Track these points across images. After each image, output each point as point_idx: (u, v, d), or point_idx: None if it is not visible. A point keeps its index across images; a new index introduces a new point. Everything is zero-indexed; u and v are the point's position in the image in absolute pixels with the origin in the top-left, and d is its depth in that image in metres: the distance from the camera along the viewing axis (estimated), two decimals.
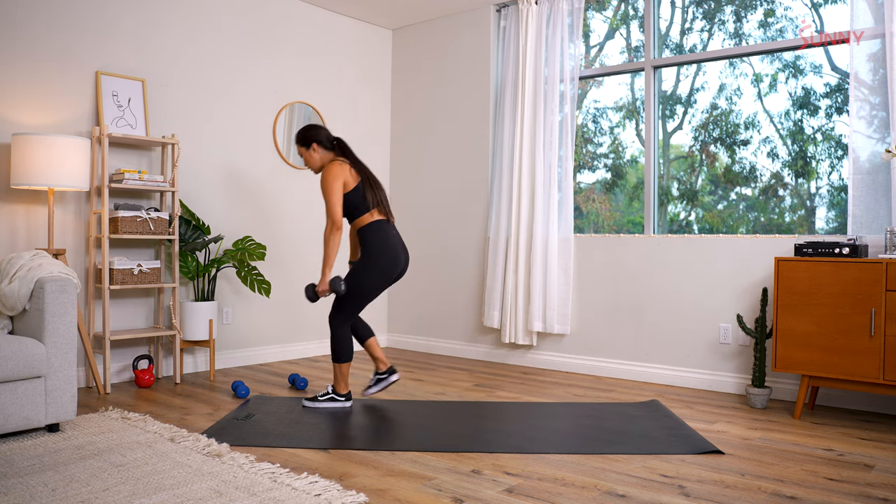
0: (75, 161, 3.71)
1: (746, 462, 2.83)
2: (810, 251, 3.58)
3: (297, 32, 5.23)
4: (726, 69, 4.48)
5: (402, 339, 5.80)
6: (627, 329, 4.60)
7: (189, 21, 4.59)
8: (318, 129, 3.69)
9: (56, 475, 2.52)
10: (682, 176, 4.70)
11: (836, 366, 3.41)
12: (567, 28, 4.83)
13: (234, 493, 2.36)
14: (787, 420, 3.53)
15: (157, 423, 3.19)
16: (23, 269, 3.14)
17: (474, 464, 2.77)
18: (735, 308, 4.16)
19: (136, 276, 4.09)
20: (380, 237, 3.55)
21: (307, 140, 3.67)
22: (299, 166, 5.22)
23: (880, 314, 3.29)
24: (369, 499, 2.37)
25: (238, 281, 4.83)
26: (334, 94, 5.48)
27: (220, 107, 4.77)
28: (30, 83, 3.90)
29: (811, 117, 4.22)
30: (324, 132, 3.69)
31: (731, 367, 4.18)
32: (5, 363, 2.86)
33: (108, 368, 3.94)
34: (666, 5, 4.74)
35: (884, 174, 3.73)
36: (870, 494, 2.48)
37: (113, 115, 4.16)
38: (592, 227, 5.05)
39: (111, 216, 4.03)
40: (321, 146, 3.67)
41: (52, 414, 3.03)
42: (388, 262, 3.56)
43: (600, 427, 3.32)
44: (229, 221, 4.81)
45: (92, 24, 4.13)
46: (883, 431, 3.34)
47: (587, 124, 5.13)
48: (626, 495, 2.44)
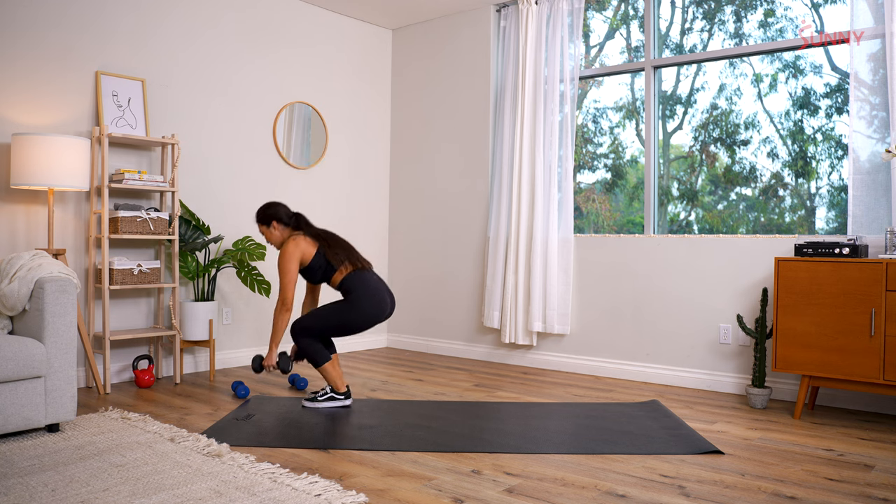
0: (75, 161, 3.71)
1: (746, 462, 2.83)
2: (810, 251, 3.58)
3: (298, 32, 5.23)
4: (726, 69, 4.48)
5: (401, 339, 5.80)
6: (627, 329, 4.60)
7: (189, 21, 4.59)
8: (276, 207, 3.77)
9: (56, 475, 2.52)
10: (682, 176, 4.70)
11: (836, 366, 3.41)
12: (567, 28, 4.83)
13: (234, 493, 2.36)
14: (787, 420, 3.53)
15: (157, 424, 3.19)
16: (23, 269, 3.14)
17: (474, 464, 2.77)
18: (735, 308, 4.16)
19: (135, 276, 4.09)
20: (361, 286, 3.61)
21: (267, 219, 3.76)
22: (299, 166, 5.22)
23: (880, 314, 3.29)
24: (369, 499, 2.37)
25: (238, 281, 4.83)
26: (334, 94, 5.48)
27: (220, 107, 4.77)
28: (30, 83, 3.90)
29: (811, 117, 4.22)
30: (283, 209, 3.78)
31: (731, 367, 4.18)
32: (5, 363, 2.85)
33: (107, 368, 3.94)
34: (666, 5, 4.74)
35: (884, 174, 3.73)
36: (870, 494, 2.48)
37: (113, 115, 4.16)
38: (592, 228, 5.05)
39: (111, 216, 4.03)
40: (280, 223, 3.75)
41: (52, 414, 3.03)
42: (374, 308, 3.61)
43: (600, 427, 3.32)
44: (229, 221, 4.81)
45: (92, 23, 4.13)
46: (883, 431, 3.34)
47: (587, 124, 5.13)
48: (626, 495, 2.44)
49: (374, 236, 5.83)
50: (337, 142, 5.51)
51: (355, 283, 3.61)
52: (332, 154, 5.47)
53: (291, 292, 3.61)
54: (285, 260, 3.61)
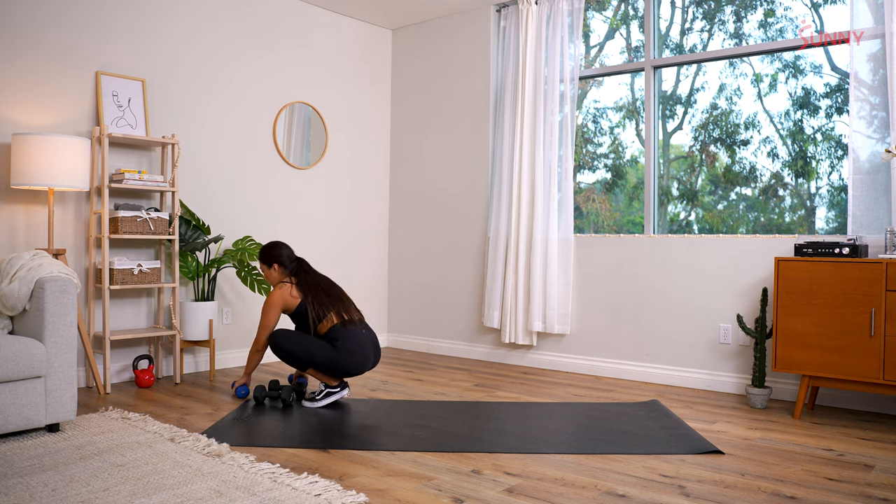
0: (75, 161, 3.71)
1: (746, 462, 2.83)
2: (810, 251, 3.58)
3: (298, 32, 5.23)
4: (726, 69, 4.48)
5: (402, 339, 5.80)
6: (627, 329, 4.60)
7: (189, 21, 4.59)
8: (280, 250, 3.88)
9: (56, 475, 2.52)
10: (682, 176, 4.70)
11: (836, 366, 3.41)
12: (567, 28, 4.83)
13: (234, 493, 2.36)
14: (787, 420, 3.53)
15: (157, 423, 3.19)
16: (23, 269, 3.14)
17: (474, 464, 2.77)
18: (735, 308, 4.16)
19: (136, 276, 4.09)
20: (346, 339, 3.64)
21: (269, 259, 3.88)
22: (299, 166, 5.22)
23: (880, 314, 3.29)
24: (369, 499, 2.37)
25: (238, 281, 4.83)
26: (334, 94, 5.48)
27: (221, 107, 4.77)
28: (30, 83, 3.90)
29: (811, 117, 4.22)
30: (286, 252, 3.89)
31: (731, 367, 4.18)
32: (5, 363, 2.85)
33: (108, 368, 3.94)
34: (666, 5, 4.74)
35: (884, 174, 3.73)
36: (870, 494, 2.48)
37: (113, 115, 4.16)
38: (592, 227, 5.05)
39: (111, 216, 4.03)
40: (281, 266, 3.86)
41: (52, 414, 3.03)
42: (355, 362, 3.66)
43: (600, 427, 3.32)
44: (229, 221, 4.81)
45: (92, 23, 4.13)
46: (883, 431, 3.34)
47: (587, 124, 5.13)
48: (626, 495, 2.44)
49: (374, 236, 5.83)
50: (337, 141, 5.50)
51: (340, 335, 3.64)
52: (332, 154, 5.47)
53: (265, 336, 3.74)
54: (268, 306, 3.74)
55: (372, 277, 5.80)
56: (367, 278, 5.77)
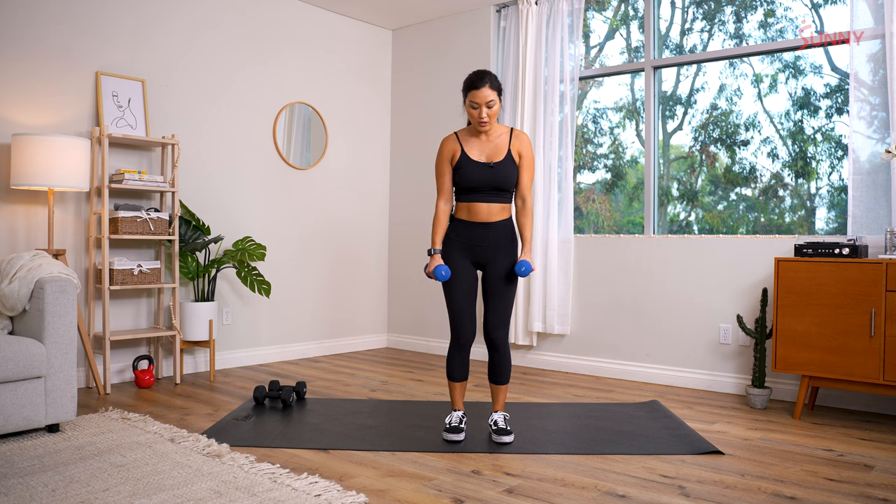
0: (75, 161, 3.71)
1: (746, 462, 2.83)
2: (810, 251, 3.58)
3: (298, 33, 5.23)
4: (726, 69, 4.48)
5: (401, 339, 5.80)
6: (627, 329, 4.60)
7: (189, 21, 4.59)
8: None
9: (56, 475, 2.52)
10: (682, 176, 4.70)
11: (836, 366, 3.41)
12: (567, 28, 4.83)
13: (234, 494, 2.36)
14: (787, 420, 3.53)
15: (157, 424, 3.19)
16: (23, 270, 3.14)
17: (474, 464, 2.77)
18: (735, 308, 4.16)
19: (136, 277, 4.09)
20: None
21: (500, 87, 3.05)
22: (299, 166, 5.22)
23: (880, 314, 3.29)
24: (369, 499, 2.37)
25: (238, 281, 4.83)
26: (334, 95, 5.48)
27: (221, 107, 4.77)
28: (30, 83, 3.90)
29: (811, 118, 4.22)
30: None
31: (731, 367, 4.18)
32: (5, 363, 2.85)
33: (107, 369, 3.94)
34: (666, 5, 4.74)
35: (884, 174, 3.73)
36: (870, 494, 2.48)
37: (113, 115, 4.16)
38: (592, 228, 5.05)
39: (111, 216, 4.03)
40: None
41: (52, 414, 3.03)
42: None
43: (600, 427, 3.32)
44: (229, 221, 4.81)
45: (92, 24, 4.13)
46: (883, 431, 3.34)
47: (587, 124, 5.13)
48: (626, 495, 2.44)
49: (374, 237, 5.83)
50: (337, 142, 5.50)
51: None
52: (333, 154, 5.47)
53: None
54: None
55: (372, 277, 5.80)
56: (367, 278, 5.76)
